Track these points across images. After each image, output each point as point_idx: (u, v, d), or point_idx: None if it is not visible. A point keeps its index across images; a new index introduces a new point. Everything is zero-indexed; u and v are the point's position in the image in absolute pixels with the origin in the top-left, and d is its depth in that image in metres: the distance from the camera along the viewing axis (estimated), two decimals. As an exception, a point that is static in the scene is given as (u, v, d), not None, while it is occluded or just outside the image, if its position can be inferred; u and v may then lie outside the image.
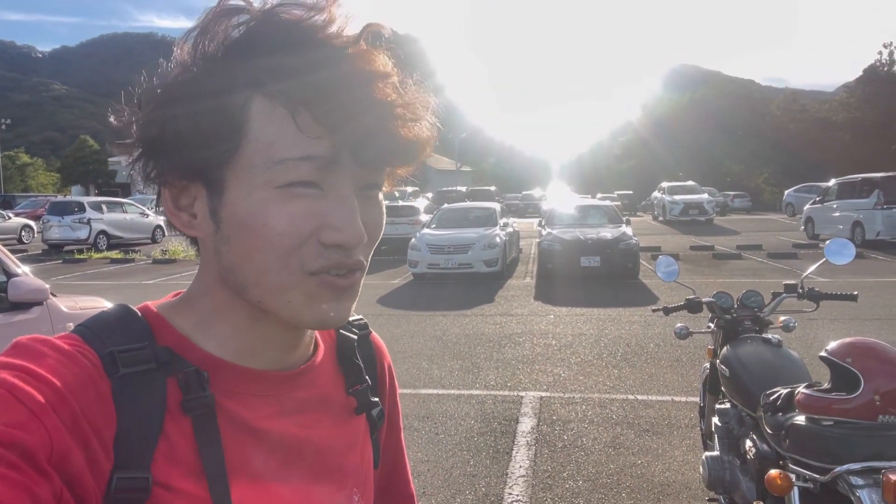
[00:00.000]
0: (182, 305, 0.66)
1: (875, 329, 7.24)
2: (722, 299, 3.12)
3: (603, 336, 7.40)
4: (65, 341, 0.57)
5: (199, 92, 0.56)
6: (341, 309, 0.61)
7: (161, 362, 0.59)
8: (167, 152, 0.58)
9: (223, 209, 0.58)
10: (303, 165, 0.56)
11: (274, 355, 0.66)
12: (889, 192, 15.93)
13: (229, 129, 0.56)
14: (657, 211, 28.24)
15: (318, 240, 0.57)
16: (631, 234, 12.29)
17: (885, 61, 54.99)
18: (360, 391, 0.73)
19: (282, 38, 0.56)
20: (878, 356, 2.00)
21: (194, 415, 0.58)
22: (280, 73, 0.55)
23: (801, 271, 11.74)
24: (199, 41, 0.57)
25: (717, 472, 2.81)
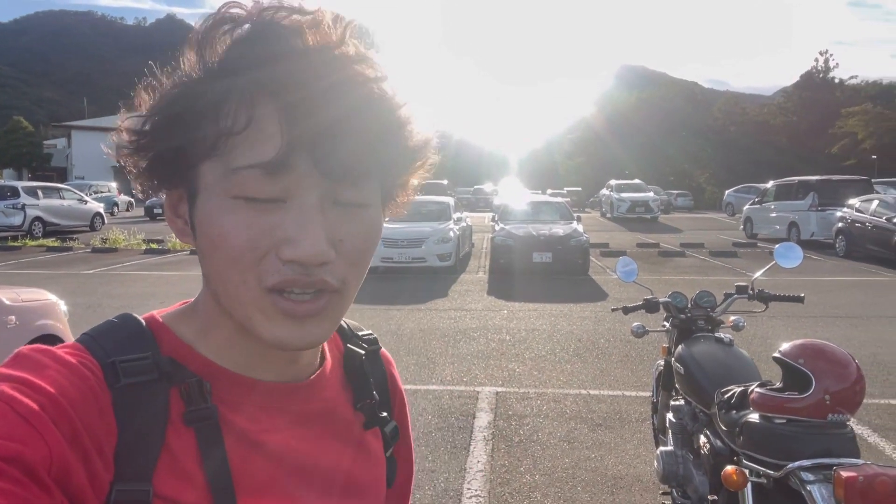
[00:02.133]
0: (186, 314, 0.65)
1: (811, 326, 7.60)
2: (677, 299, 3.23)
3: (556, 331, 7.53)
4: (66, 351, 0.56)
5: (182, 99, 0.56)
6: (305, 334, 0.57)
7: (163, 372, 0.58)
8: (159, 159, 0.58)
9: (196, 218, 0.58)
10: (257, 174, 0.53)
11: (275, 366, 0.64)
12: (823, 195, 16.74)
13: (194, 137, 0.55)
14: (605, 208, 28.89)
15: (276, 255, 0.54)
16: (582, 231, 12.53)
17: (821, 68, 57.62)
18: (367, 406, 0.72)
19: (257, 38, 0.54)
20: (827, 358, 2.11)
21: (197, 426, 0.58)
22: (243, 68, 0.53)
23: (741, 269, 12.14)
24: (200, 49, 0.57)
25: (670, 467, 2.91)
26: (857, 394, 2.05)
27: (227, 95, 0.54)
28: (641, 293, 3.35)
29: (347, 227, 0.57)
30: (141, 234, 17.77)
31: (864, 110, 47.47)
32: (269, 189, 0.54)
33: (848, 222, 14.72)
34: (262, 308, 0.56)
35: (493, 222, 14.16)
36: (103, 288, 10.58)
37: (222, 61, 0.55)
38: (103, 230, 20.20)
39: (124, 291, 10.24)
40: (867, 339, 7.06)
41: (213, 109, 0.54)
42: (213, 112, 0.54)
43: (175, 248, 16.19)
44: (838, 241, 15.01)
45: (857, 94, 56.61)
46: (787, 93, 63.87)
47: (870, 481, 1.73)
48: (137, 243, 16.92)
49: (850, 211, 14.79)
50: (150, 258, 15.01)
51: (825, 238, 15.63)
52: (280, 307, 0.56)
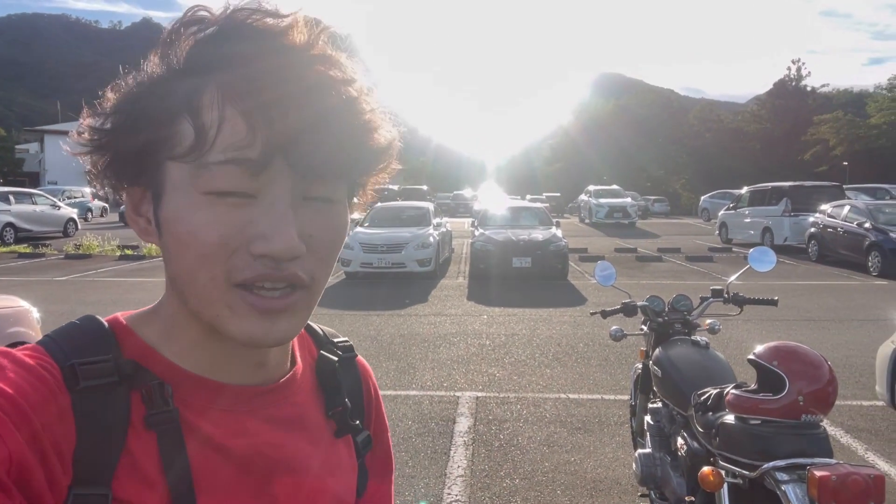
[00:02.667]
0: (149, 315, 0.65)
1: (784, 329, 7.73)
2: (654, 303, 3.26)
3: (535, 336, 7.57)
4: (26, 353, 0.56)
5: (147, 97, 0.56)
6: (275, 329, 0.57)
7: (124, 375, 0.57)
8: (120, 156, 0.58)
9: (162, 215, 0.57)
10: (229, 170, 0.53)
11: (240, 369, 0.63)
12: (796, 201, 17.05)
13: (162, 134, 0.55)
14: (583, 213, 29.12)
15: (247, 251, 0.54)
16: (561, 236, 12.61)
17: (794, 76, 58.72)
18: (339, 413, 0.71)
19: (229, 41, 0.55)
20: (801, 359, 2.15)
21: (158, 430, 0.57)
22: (216, 76, 0.54)
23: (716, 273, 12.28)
24: (166, 49, 0.57)
25: (648, 469, 2.94)
26: (829, 395, 2.09)
27: (196, 93, 0.54)
28: (619, 297, 3.38)
29: (317, 222, 0.57)
30: (115, 240, 17.49)
31: (835, 118, 48.46)
32: (241, 185, 0.54)
33: (820, 227, 15.00)
34: (230, 304, 0.56)
35: (473, 227, 14.18)
36: (77, 295, 10.40)
37: (189, 60, 0.56)
38: (77, 236, 19.85)
39: (98, 298, 10.07)
40: (839, 342, 7.19)
41: (180, 107, 0.55)
42: (180, 109, 0.55)
43: (150, 255, 15.96)
44: (811, 245, 15.29)
45: (829, 102, 57.84)
46: (761, 100, 64.98)
47: (843, 480, 1.77)
48: (112, 249, 16.66)
49: (823, 216, 15.07)
50: (124, 264, 14.79)
51: (798, 243, 15.92)
52: (249, 302, 0.56)
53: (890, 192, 21.86)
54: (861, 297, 10.48)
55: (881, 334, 6.66)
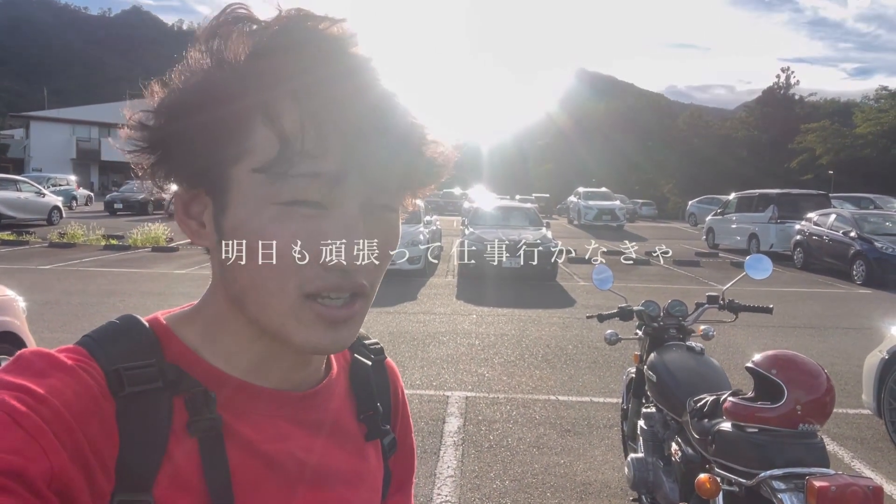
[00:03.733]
0: (191, 317, 0.64)
1: (771, 336, 7.80)
2: (650, 308, 3.27)
3: (524, 337, 7.57)
4: (68, 356, 0.55)
5: (212, 98, 0.54)
6: (338, 338, 0.58)
7: (168, 381, 0.57)
8: (178, 157, 0.57)
9: (226, 222, 0.57)
10: (307, 183, 0.53)
11: (282, 374, 0.64)
12: (783, 208, 17.22)
13: (234, 140, 0.54)
14: (572, 215, 29.21)
15: (319, 261, 0.55)
16: (551, 237, 12.64)
17: (783, 84, 59.34)
18: (370, 418, 0.72)
19: (301, 47, 0.54)
20: (799, 368, 2.16)
21: (200, 436, 0.57)
22: (293, 84, 0.53)
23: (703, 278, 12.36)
24: (217, 46, 0.55)
25: (641, 474, 2.95)
26: (827, 404, 2.11)
27: (272, 100, 0.53)
28: (608, 300, 3.39)
29: (379, 231, 0.59)
30: (100, 229, 17.31)
31: (822, 127, 49.00)
32: (317, 196, 0.54)
33: (806, 235, 15.16)
34: (297, 314, 0.56)
35: (463, 226, 14.18)
36: (61, 284, 10.26)
37: (255, 62, 0.54)
38: (61, 224, 19.58)
39: (83, 288, 9.95)
40: (824, 349, 7.27)
41: (251, 116, 0.54)
42: (251, 119, 0.54)
43: (136, 245, 15.81)
44: (796, 253, 15.45)
45: (816, 111, 58.47)
46: (749, 108, 65.61)
47: (842, 491, 1.77)
48: (97, 239, 16.46)
49: (809, 224, 15.24)
50: (109, 254, 14.63)
51: (784, 250, 16.06)
52: (316, 312, 0.56)
53: (874, 202, 22.14)
54: (846, 306, 10.60)
55: (866, 342, 6.73)
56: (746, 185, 27.80)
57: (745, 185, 27.94)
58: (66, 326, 7.06)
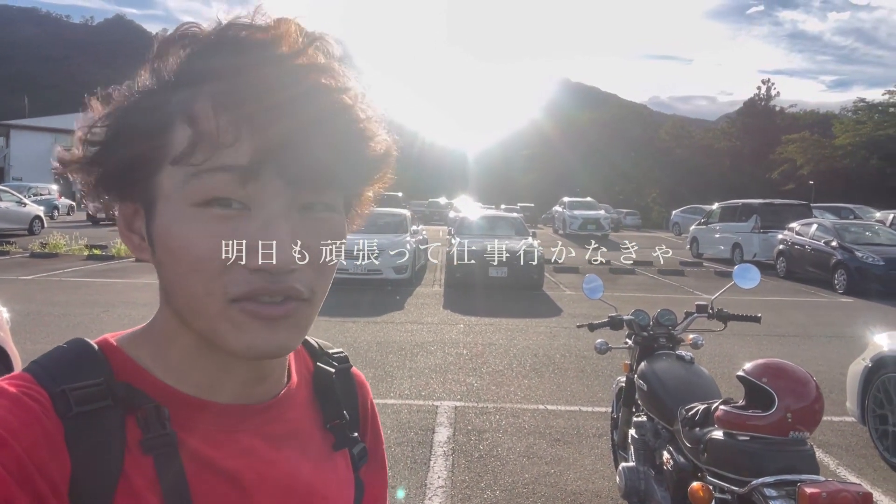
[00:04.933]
0: (141, 336, 0.63)
1: (755, 344, 7.88)
2: (640, 317, 3.29)
3: (512, 346, 7.58)
4: (10, 382, 0.54)
5: (139, 111, 0.56)
6: (277, 338, 0.56)
7: (118, 399, 0.56)
8: (113, 172, 0.57)
9: (154, 231, 0.56)
10: (219, 178, 0.52)
11: (237, 388, 0.62)
12: (765, 218, 17.43)
13: (156, 146, 0.54)
14: (557, 224, 29.34)
15: (242, 264, 0.53)
16: (537, 247, 12.69)
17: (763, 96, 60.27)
18: (337, 426, 0.71)
19: (222, 49, 0.55)
20: (789, 377, 2.19)
21: (155, 454, 0.56)
22: (209, 81, 0.53)
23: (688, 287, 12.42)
24: (158, 65, 0.57)
25: (633, 483, 2.96)
26: (816, 412, 2.14)
27: (188, 103, 0.54)
28: (595, 309, 3.42)
29: (313, 232, 0.56)
30: (83, 239, 17.08)
31: (802, 138, 49.78)
32: (231, 193, 0.53)
33: (788, 244, 15.35)
34: (229, 317, 0.55)
35: (450, 236, 14.20)
36: (43, 295, 10.12)
37: (181, 72, 0.55)
38: (43, 234, 19.33)
39: (66, 299, 9.82)
40: (808, 357, 7.35)
41: (171, 119, 0.54)
42: (171, 121, 0.54)
43: (119, 255, 15.63)
44: (779, 262, 15.64)
45: (796, 122, 59.39)
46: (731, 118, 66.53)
47: (832, 497, 1.80)
48: (79, 249, 16.25)
49: (791, 234, 15.44)
50: (92, 264, 14.45)
51: (767, 259, 16.23)
52: (249, 311, 0.54)
53: (854, 212, 22.49)
54: (828, 314, 10.74)
55: (848, 351, 6.82)
56: (729, 194, 28.13)
57: (727, 194, 28.28)
58: (49, 338, 6.96)
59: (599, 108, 79.73)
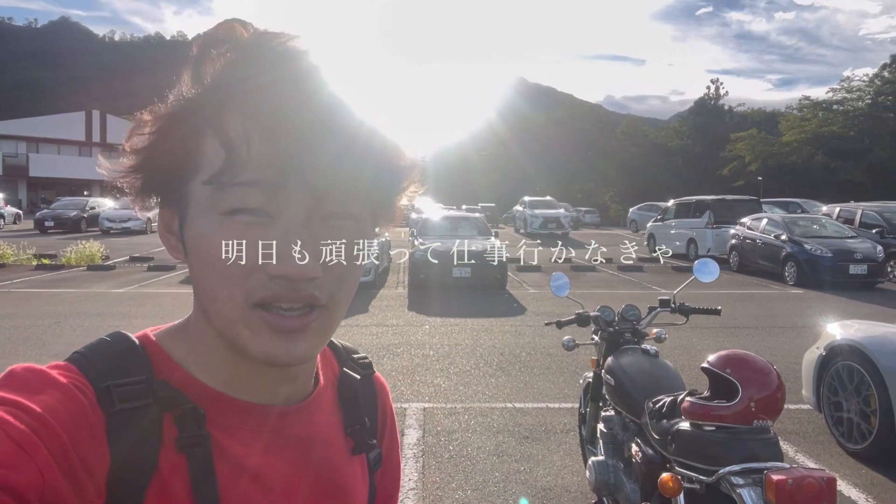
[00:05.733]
0: (177, 332, 0.65)
1: (712, 337, 8.09)
2: (605, 313, 3.35)
3: (478, 346, 7.61)
4: (60, 372, 0.55)
5: (176, 119, 0.57)
6: (292, 348, 0.58)
7: (158, 397, 0.58)
8: (153, 177, 0.60)
9: (186, 236, 0.59)
10: (246, 191, 0.54)
11: (266, 388, 0.64)
12: (718, 214, 17.92)
13: (190, 155, 0.57)
14: (518, 224, 29.58)
15: (264, 270, 0.55)
16: (500, 246, 12.77)
17: (713, 95, 61.91)
18: (357, 432, 0.73)
19: (249, 62, 0.56)
20: (752, 367, 2.25)
21: (189, 452, 0.58)
22: (238, 96, 0.55)
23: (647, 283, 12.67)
24: (195, 70, 0.58)
25: (602, 476, 3.00)
26: (778, 401, 2.21)
27: (217, 119, 0.55)
28: (558, 306, 3.47)
29: (335, 243, 0.58)
30: (31, 248, 16.48)
31: (750, 135, 51.30)
32: (256, 203, 0.55)
33: (740, 239, 15.81)
34: (249, 323, 0.57)
35: (412, 238, 14.17)
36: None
37: (217, 81, 0.56)
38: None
39: (15, 311, 9.44)
40: (762, 348, 7.58)
41: (201, 131, 0.56)
42: (201, 133, 0.56)
43: (70, 264, 15.14)
44: (732, 256, 16.08)
45: (745, 120, 61.23)
46: (683, 117, 68.16)
47: (798, 483, 1.86)
48: (28, 258, 15.67)
49: (742, 228, 15.90)
50: (42, 274, 13.96)
51: (720, 254, 16.66)
52: (267, 322, 0.56)
53: (801, 206, 23.28)
54: (780, 306, 11.10)
55: (801, 341, 7.07)
56: (683, 191, 28.84)
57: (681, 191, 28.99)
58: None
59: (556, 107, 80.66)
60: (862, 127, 46.74)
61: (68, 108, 61.26)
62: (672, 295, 3.38)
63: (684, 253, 18.61)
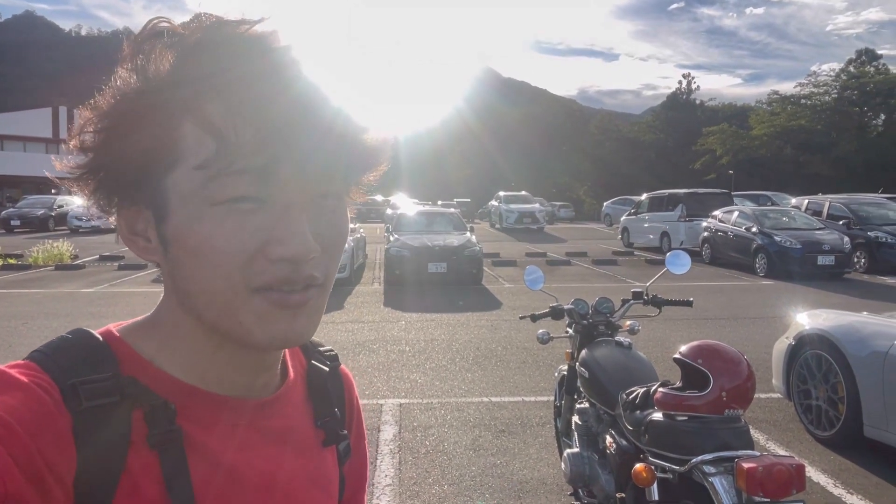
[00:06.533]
0: (146, 328, 0.64)
1: (685, 328, 8.20)
2: (579, 306, 3.36)
3: (454, 341, 7.62)
4: (20, 371, 0.53)
5: (139, 113, 0.55)
6: (296, 327, 0.58)
7: (126, 394, 0.56)
8: (115, 177, 0.58)
9: (168, 231, 0.57)
10: (239, 179, 0.54)
11: (241, 381, 0.64)
12: (690, 207, 18.17)
13: (165, 148, 0.55)
14: (494, 219, 29.68)
15: (264, 255, 0.55)
16: (475, 241, 12.80)
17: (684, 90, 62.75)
18: (328, 423, 0.73)
19: (221, 49, 0.55)
20: (722, 357, 2.28)
21: (161, 449, 0.56)
22: (217, 84, 0.54)
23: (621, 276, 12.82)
24: (141, 62, 0.56)
25: (577, 468, 3.02)
26: (749, 390, 2.24)
27: (197, 108, 0.54)
28: (534, 300, 3.48)
29: (326, 221, 0.59)
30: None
31: (721, 129, 52.17)
32: (252, 191, 0.54)
33: (712, 231, 16.04)
34: (252, 308, 0.56)
35: (388, 233, 14.12)
36: None
37: (178, 71, 0.55)
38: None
39: (-21, 312, 9.21)
40: (734, 338, 7.70)
41: (177, 122, 0.54)
42: (177, 124, 0.54)
43: (37, 263, 14.82)
44: (704, 248, 16.31)
45: (716, 115, 62.26)
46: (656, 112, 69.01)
47: (768, 470, 1.88)
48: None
49: (714, 221, 16.14)
50: (8, 274, 13.63)
51: (693, 246, 16.88)
52: (272, 301, 0.56)
53: (771, 199, 23.72)
54: (750, 297, 11.29)
55: (771, 331, 7.19)
56: (656, 185, 29.16)
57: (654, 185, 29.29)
58: (-39, 354, 6.51)
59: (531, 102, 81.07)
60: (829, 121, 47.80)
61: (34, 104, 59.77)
62: (645, 287, 3.41)
63: (658, 246, 18.83)
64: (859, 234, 14.45)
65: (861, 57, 50.77)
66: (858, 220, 14.88)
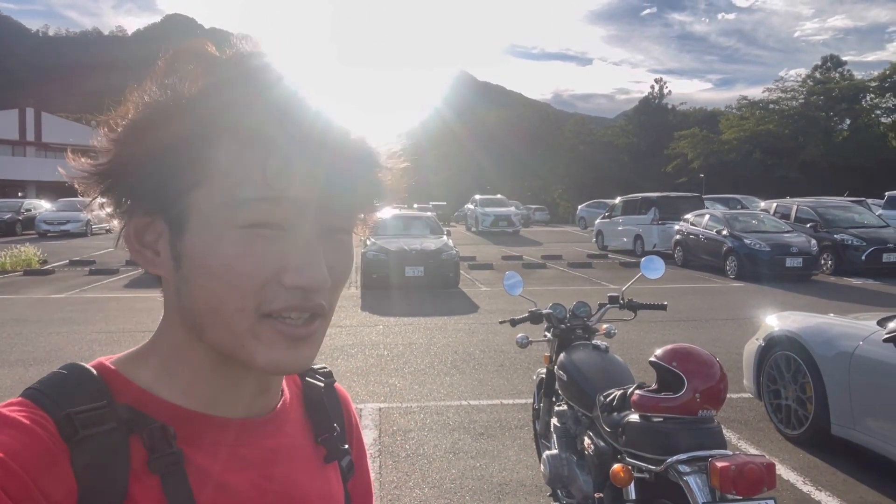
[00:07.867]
0: (141, 356, 0.63)
1: (659, 330, 8.34)
2: (557, 310, 3.42)
3: (432, 345, 7.65)
4: (14, 409, 0.54)
5: (170, 129, 0.55)
6: (298, 357, 0.59)
7: (122, 421, 0.56)
8: (135, 185, 0.58)
9: (184, 248, 0.57)
10: (267, 207, 0.55)
11: (241, 402, 0.64)
12: (663, 210, 18.45)
13: (192, 166, 0.55)
14: (470, 222, 29.78)
15: (278, 281, 0.56)
16: (452, 245, 12.85)
17: (656, 95, 63.64)
18: (329, 439, 0.73)
19: (257, 78, 0.56)
20: (696, 360, 2.35)
21: (162, 473, 0.57)
22: (254, 112, 0.55)
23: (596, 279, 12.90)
24: (173, 82, 0.57)
25: (556, 469, 3.08)
26: (721, 391, 2.31)
27: (227, 128, 0.55)
28: (511, 304, 3.54)
29: (336, 253, 0.60)
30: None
31: (692, 134, 53.03)
32: (276, 218, 0.56)
33: (684, 234, 16.32)
34: (257, 334, 0.57)
35: (364, 237, 14.08)
36: None
37: (208, 96, 0.55)
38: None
39: (-55, 319, 8.98)
40: (706, 339, 7.86)
41: (209, 142, 0.55)
42: (208, 144, 0.55)
43: (5, 269, 14.49)
44: (676, 251, 16.58)
45: (687, 119, 63.22)
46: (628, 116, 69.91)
47: (740, 469, 1.96)
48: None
49: (686, 224, 16.41)
50: (-26, 280, 13.30)
51: (666, 249, 17.15)
52: (278, 330, 0.57)
53: (741, 202, 24.18)
54: (722, 298, 11.52)
55: (742, 332, 7.36)
56: (629, 188, 29.56)
57: (627, 188, 29.70)
58: (-72, 363, 6.34)
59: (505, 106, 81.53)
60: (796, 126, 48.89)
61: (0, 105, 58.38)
62: (620, 291, 3.49)
63: (631, 249, 19.09)
64: (826, 236, 14.82)
65: (827, 63, 52.06)
66: (825, 223, 15.25)
